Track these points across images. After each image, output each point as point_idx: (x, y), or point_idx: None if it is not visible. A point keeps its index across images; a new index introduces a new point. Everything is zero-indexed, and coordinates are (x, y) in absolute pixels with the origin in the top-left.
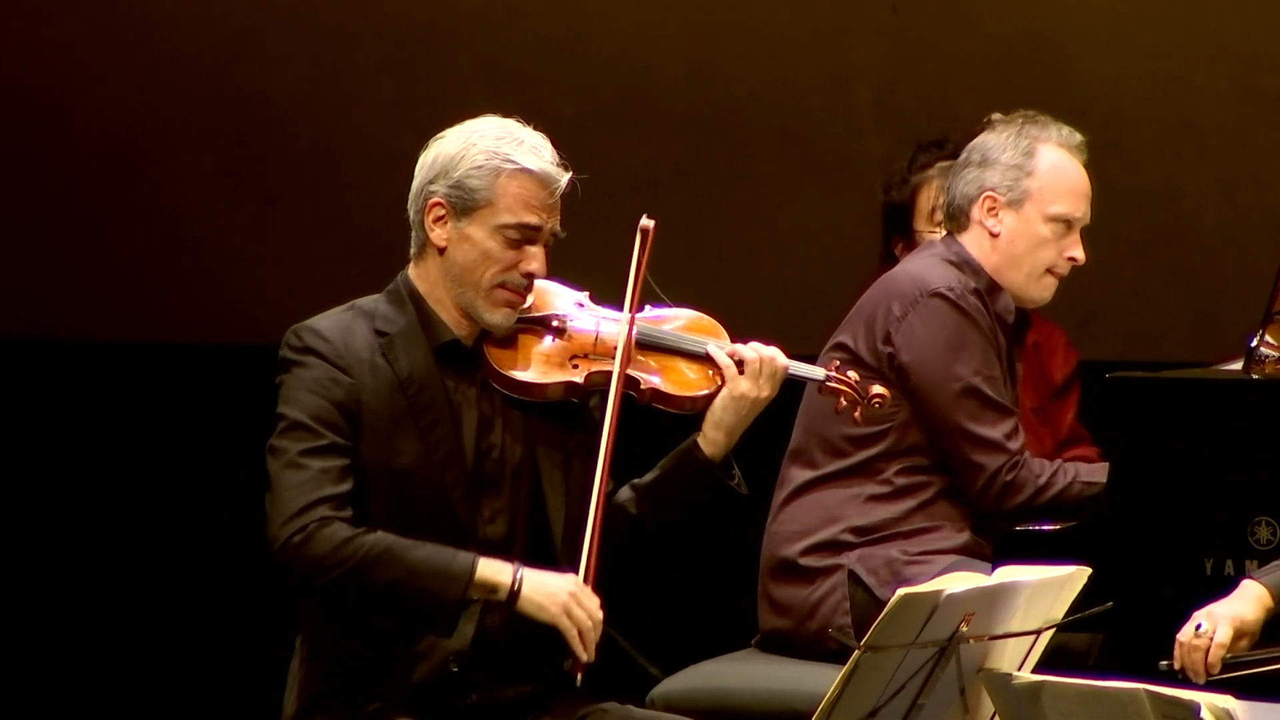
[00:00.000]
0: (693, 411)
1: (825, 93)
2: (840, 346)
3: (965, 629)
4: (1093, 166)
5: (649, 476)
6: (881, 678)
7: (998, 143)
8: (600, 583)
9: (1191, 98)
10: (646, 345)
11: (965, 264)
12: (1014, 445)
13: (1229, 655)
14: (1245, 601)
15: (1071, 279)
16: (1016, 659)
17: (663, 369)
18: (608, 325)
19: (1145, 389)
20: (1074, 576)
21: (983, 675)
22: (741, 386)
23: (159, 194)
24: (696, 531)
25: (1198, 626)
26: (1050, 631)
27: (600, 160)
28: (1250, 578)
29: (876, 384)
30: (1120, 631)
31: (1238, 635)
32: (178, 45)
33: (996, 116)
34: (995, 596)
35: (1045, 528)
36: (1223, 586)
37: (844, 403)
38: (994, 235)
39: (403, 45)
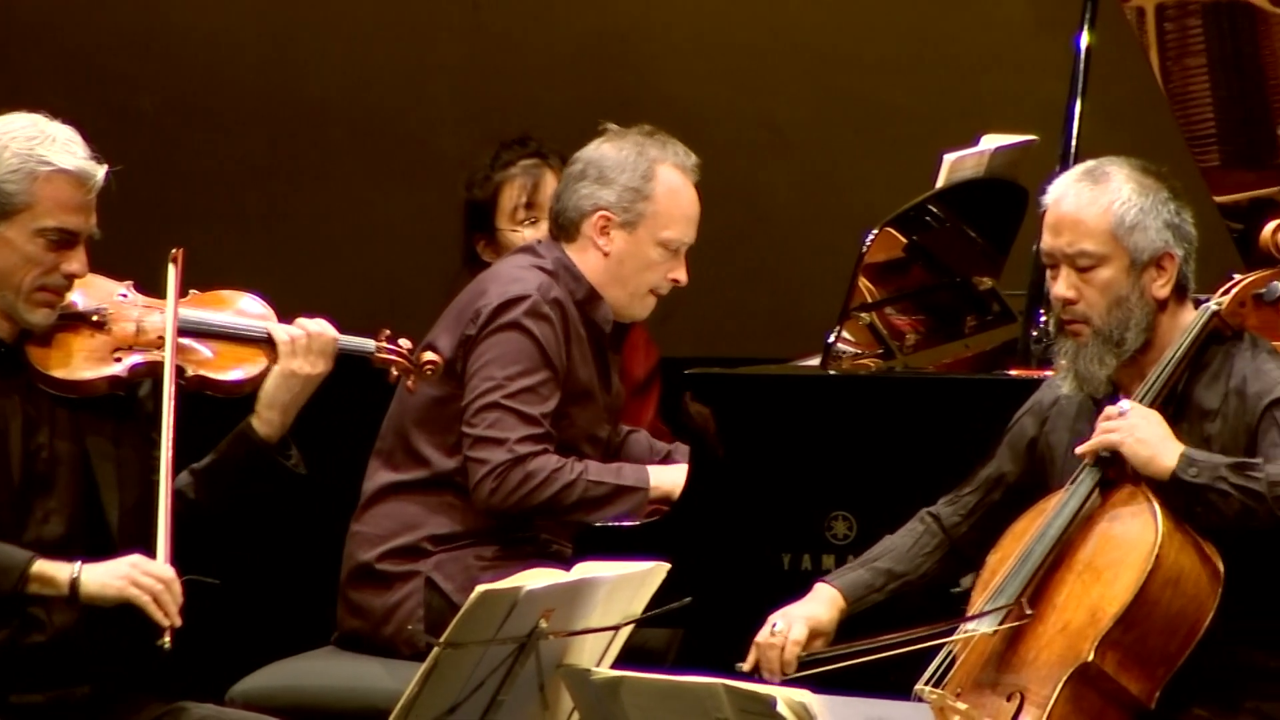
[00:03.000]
0: (243, 394)
1: (405, 89)
2: (429, 347)
3: (544, 625)
4: None
5: (206, 460)
6: (461, 674)
7: (616, 160)
8: (180, 559)
9: (770, 96)
10: (193, 332)
11: (565, 270)
12: (522, 449)
13: (804, 654)
14: (819, 603)
15: None
16: (596, 654)
17: (211, 354)
18: (150, 315)
19: (723, 384)
20: (652, 572)
21: (562, 671)
22: (293, 364)
23: None
24: (256, 514)
25: (774, 626)
26: (629, 627)
27: (181, 157)
28: (823, 580)
29: (429, 351)
30: (699, 627)
31: (813, 635)
32: None
33: (612, 126)
34: (575, 592)
35: (624, 523)
36: (800, 581)
37: (396, 372)
38: (605, 254)
39: None
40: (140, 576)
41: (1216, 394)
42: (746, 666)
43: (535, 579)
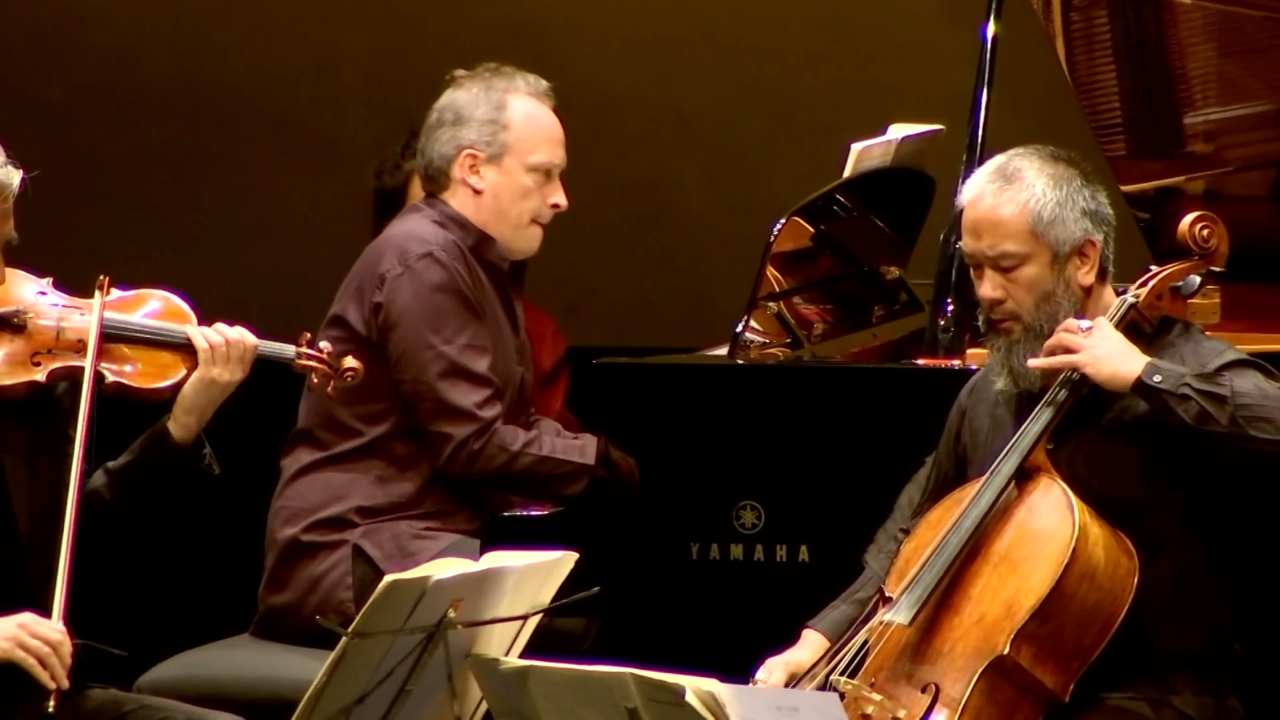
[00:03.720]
0: (161, 401)
1: (314, 79)
2: (336, 320)
3: (453, 614)
4: (580, 154)
5: (121, 460)
6: (369, 664)
7: (469, 99)
8: (79, 590)
9: (678, 85)
10: (114, 338)
11: (452, 221)
12: (487, 414)
13: None
14: (803, 648)
15: (559, 266)
16: (504, 644)
17: (132, 360)
18: (71, 317)
19: (632, 374)
20: (561, 561)
21: (470, 660)
22: (213, 371)
23: None
24: (172, 512)
25: (755, 677)
26: (537, 617)
27: (90, 147)
28: (809, 626)
29: (349, 357)
30: (609, 616)
31: (791, 679)
32: None
33: (460, 73)
34: (483, 582)
35: (534, 513)
36: (709, 570)
37: (316, 379)
38: (478, 192)
39: None
40: (27, 639)
41: None
42: None
43: (444, 568)
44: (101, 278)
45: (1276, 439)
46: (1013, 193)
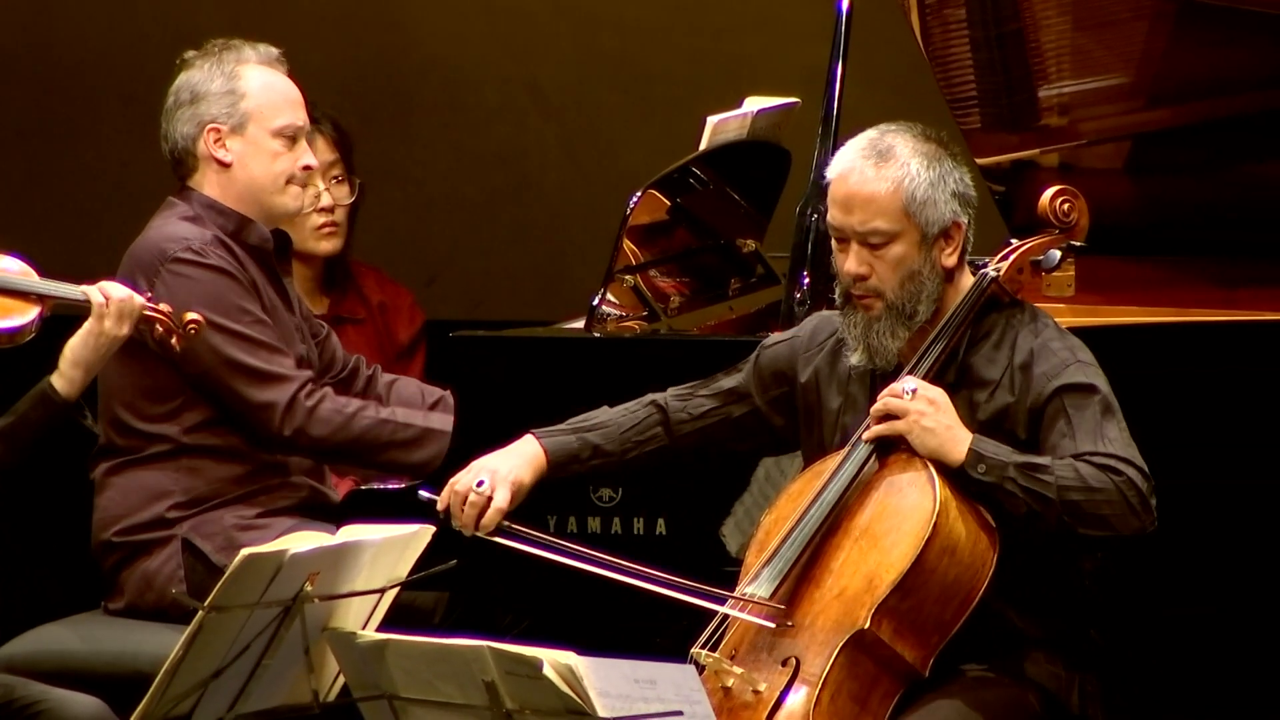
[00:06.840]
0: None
1: (170, 50)
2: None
3: (310, 588)
4: (436, 128)
5: (3, 422)
6: (226, 639)
7: (202, 76)
8: None
9: (533, 58)
10: None
11: (207, 209)
12: (303, 373)
13: (506, 523)
14: (526, 464)
15: (416, 239)
16: (361, 618)
17: None
18: None
19: (488, 347)
20: (418, 535)
21: (327, 634)
22: (107, 325)
23: None
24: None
25: (479, 483)
26: (395, 590)
27: None
28: (534, 434)
29: (189, 311)
30: (465, 589)
31: (514, 498)
32: None
33: (190, 54)
34: (340, 556)
35: (391, 486)
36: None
37: (160, 329)
38: (226, 165)
39: None
40: None
41: (998, 366)
42: (441, 506)
43: (300, 542)
44: None
45: (1105, 533)
46: (887, 170)
